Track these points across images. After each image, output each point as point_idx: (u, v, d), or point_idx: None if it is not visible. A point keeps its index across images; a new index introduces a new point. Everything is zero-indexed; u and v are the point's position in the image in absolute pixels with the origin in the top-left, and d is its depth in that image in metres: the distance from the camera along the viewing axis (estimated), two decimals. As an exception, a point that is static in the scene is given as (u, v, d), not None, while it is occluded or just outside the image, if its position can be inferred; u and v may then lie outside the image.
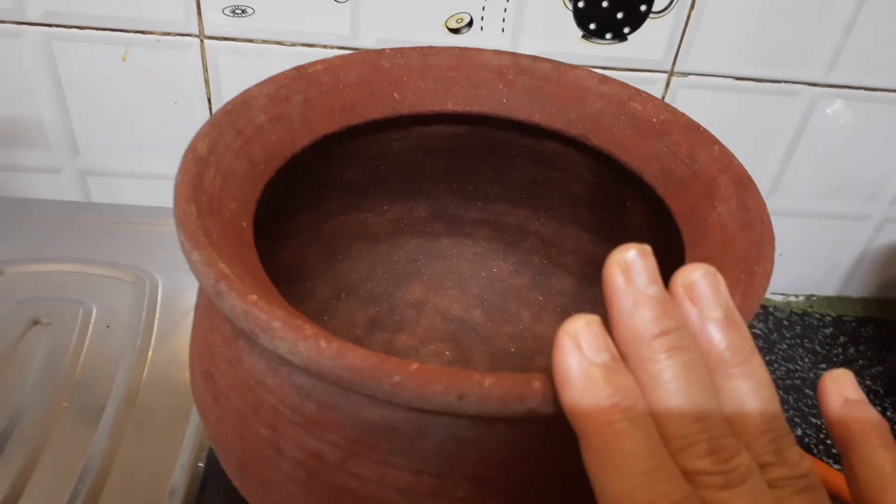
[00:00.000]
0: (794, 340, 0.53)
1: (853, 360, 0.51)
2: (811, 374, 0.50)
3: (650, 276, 0.17)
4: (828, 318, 0.55)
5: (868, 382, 0.50)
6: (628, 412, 0.16)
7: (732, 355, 0.17)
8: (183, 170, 0.23)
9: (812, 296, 0.57)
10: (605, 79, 0.29)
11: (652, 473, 0.16)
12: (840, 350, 0.52)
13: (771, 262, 0.22)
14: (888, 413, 0.48)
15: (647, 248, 0.18)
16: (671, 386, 0.17)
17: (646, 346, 0.17)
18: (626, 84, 0.29)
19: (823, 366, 0.51)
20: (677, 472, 0.16)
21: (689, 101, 0.47)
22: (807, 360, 0.51)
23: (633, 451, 0.16)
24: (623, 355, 0.17)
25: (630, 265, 0.17)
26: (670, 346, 0.17)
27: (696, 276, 0.18)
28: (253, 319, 0.18)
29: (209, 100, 0.47)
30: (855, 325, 0.55)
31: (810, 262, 0.55)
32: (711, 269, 0.18)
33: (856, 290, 0.57)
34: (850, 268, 0.56)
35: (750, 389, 0.17)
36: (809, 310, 0.56)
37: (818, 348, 0.52)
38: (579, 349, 0.17)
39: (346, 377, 0.18)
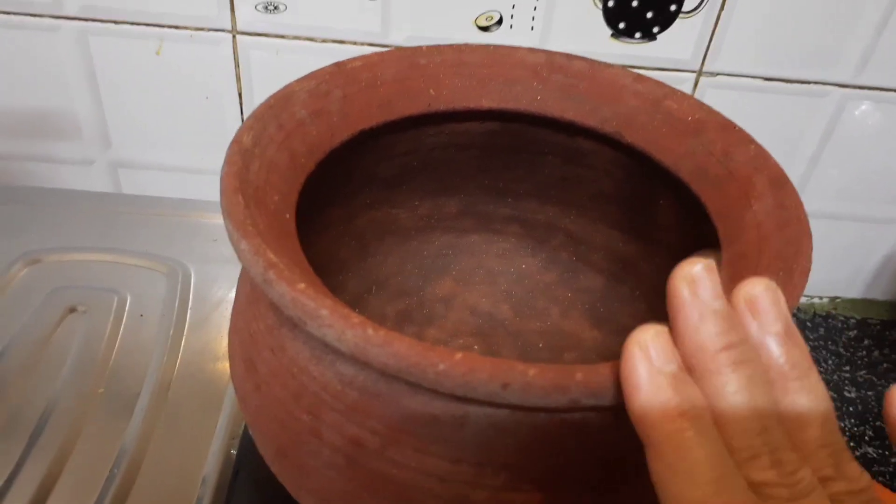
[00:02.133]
0: (817, 342, 0.52)
1: (877, 364, 0.51)
2: (835, 377, 0.50)
3: (715, 290, 0.18)
4: (852, 320, 0.55)
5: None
6: (696, 422, 0.17)
7: (792, 369, 0.18)
8: (229, 161, 0.23)
9: (836, 298, 0.57)
10: (639, 77, 0.29)
11: (721, 482, 0.16)
12: (864, 353, 0.52)
13: (809, 260, 0.22)
14: (913, 417, 0.47)
15: (713, 262, 0.18)
16: (736, 398, 0.17)
17: (711, 359, 0.17)
18: (661, 82, 0.29)
19: (847, 368, 0.50)
20: (743, 482, 0.16)
21: (718, 101, 0.47)
22: (830, 362, 0.51)
23: (702, 459, 0.16)
24: (688, 367, 0.18)
25: (696, 279, 0.18)
26: (735, 359, 0.17)
27: (758, 291, 0.18)
28: (301, 307, 0.19)
29: (240, 95, 0.48)
30: (880, 328, 0.54)
31: (835, 264, 0.55)
32: (772, 284, 0.18)
33: (881, 293, 0.57)
34: (875, 270, 0.55)
35: (808, 403, 0.18)
36: (833, 312, 0.55)
37: (842, 351, 0.52)
38: (648, 359, 0.17)
39: (391, 365, 0.18)
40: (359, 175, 0.32)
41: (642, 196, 0.32)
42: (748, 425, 0.17)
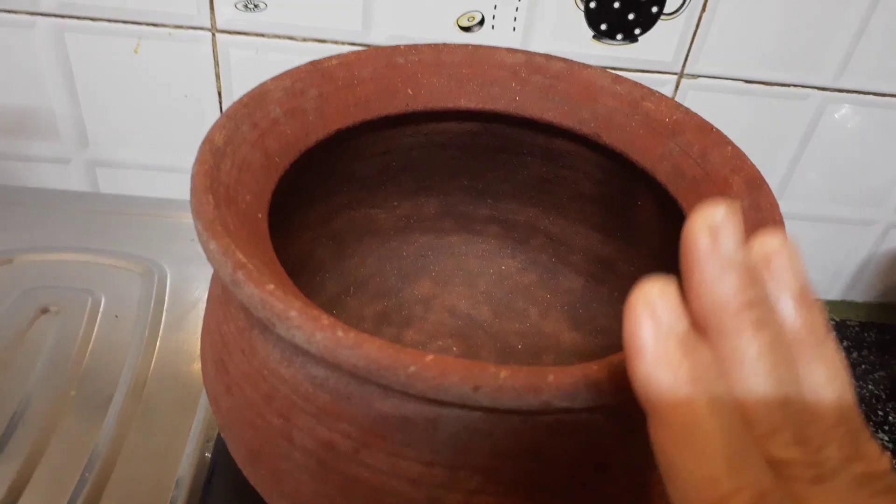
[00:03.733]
0: (797, 344, 0.53)
1: (856, 365, 0.51)
2: (814, 378, 0.50)
3: (738, 240, 0.15)
4: (831, 322, 0.55)
5: (871, 387, 0.50)
6: (709, 389, 0.15)
7: (809, 334, 0.16)
8: (200, 160, 0.23)
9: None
10: (618, 78, 0.29)
11: (736, 458, 0.14)
12: (843, 354, 0.52)
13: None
14: (890, 417, 0.48)
15: (737, 206, 0.15)
16: (757, 365, 0.15)
17: (731, 318, 0.15)
18: (639, 84, 0.29)
19: (826, 370, 0.51)
20: (761, 459, 0.15)
21: (699, 103, 0.47)
22: (810, 363, 0.51)
23: (715, 433, 0.14)
24: (701, 327, 0.15)
25: (719, 227, 0.15)
26: (757, 319, 0.15)
27: (775, 246, 0.16)
28: (270, 308, 0.19)
29: (219, 93, 0.47)
30: (858, 329, 0.55)
31: (815, 267, 0.55)
32: (788, 241, 0.16)
33: (860, 295, 0.57)
34: (854, 272, 0.56)
35: (825, 375, 0.16)
36: (813, 314, 0.56)
37: (821, 352, 0.52)
38: (655, 317, 0.15)
39: (362, 367, 0.18)
40: (336, 175, 0.32)
41: (621, 197, 0.32)
42: (769, 395, 0.15)
